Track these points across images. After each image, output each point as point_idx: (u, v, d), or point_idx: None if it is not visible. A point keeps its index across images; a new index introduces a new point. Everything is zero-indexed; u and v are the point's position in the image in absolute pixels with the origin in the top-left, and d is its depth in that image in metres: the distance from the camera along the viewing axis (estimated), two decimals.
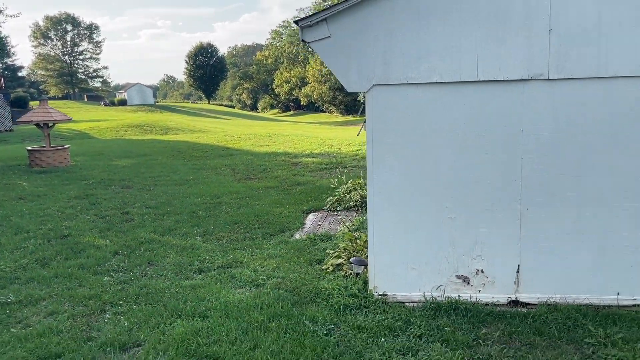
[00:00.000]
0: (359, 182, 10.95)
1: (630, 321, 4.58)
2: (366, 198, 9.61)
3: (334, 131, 33.74)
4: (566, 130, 4.87)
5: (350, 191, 10.56)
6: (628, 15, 4.62)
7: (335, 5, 4.91)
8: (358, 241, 6.35)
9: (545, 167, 4.95)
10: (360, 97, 39.17)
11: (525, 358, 4.11)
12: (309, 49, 56.03)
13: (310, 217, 9.56)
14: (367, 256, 5.76)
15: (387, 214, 5.19)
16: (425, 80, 4.95)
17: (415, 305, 5.16)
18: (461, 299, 5.12)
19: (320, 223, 9.06)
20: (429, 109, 5.02)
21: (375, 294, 5.25)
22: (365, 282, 5.44)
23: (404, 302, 5.21)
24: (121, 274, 6.43)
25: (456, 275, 5.20)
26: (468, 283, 5.19)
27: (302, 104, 78.38)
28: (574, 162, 4.91)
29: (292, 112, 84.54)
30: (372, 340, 4.41)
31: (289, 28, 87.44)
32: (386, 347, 4.29)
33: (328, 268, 6.19)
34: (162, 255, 7.09)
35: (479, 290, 5.18)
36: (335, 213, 9.85)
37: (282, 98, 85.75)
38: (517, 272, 5.12)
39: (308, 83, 69.77)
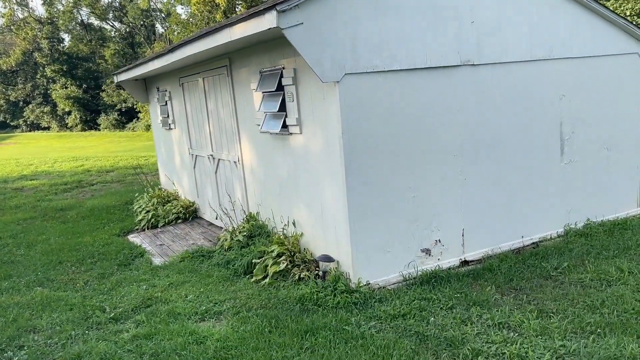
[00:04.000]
0: (158, 195, 9.99)
1: (557, 253, 5.76)
2: (190, 208, 8.98)
3: None
4: (486, 108, 5.76)
5: (161, 204, 9.57)
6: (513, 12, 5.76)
7: None
8: (286, 244, 6.00)
9: (474, 139, 5.74)
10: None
11: (529, 295, 4.78)
12: None
13: (137, 240, 8.35)
14: (320, 254, 5.59)
15: (364, 202, 5.16)
16: (388, 68, 5.12)
17: (396, 286, 5.31)
18: (427, 269, 5.51)
19: (162, 243, 8.02)
20: (393, 95, 5.20)
21: (363, 285, 5.18)
22: (338, 278, 5.27)
23: (385, 287, 5.30)
24: None
25: (421, 249, 5.55)
26: (429, 254, 5.60)
27: None
28: (491, 133, 5.84)
29: None
30: (421, 322, 4.43)
31: None
32: (446, 322, 4.38)
33: (268, 278, 5.71)
34: (36, 318, 5.26)
35: (438, 259, 5.65)
36: (162, 229, 8.83)
37: None
38: (462, 235, 5.79)
39: None
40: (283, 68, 5.73)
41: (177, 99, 9.31)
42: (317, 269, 5.67)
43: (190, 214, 9.30)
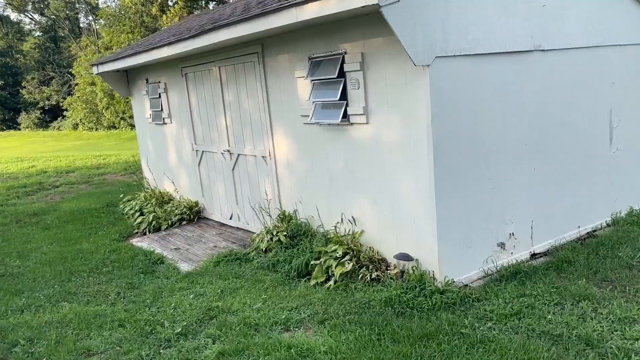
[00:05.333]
0: (156, 195, 9.25)
1: (621, 242, 5.69)
2: (194, 208, 8.33)
3: None
4: (551, 95, 5.59)
5: (160, 204, 8.85)
6: None
7: None
8: (346, 243, 5.58)
9: (541, 128, 5.56)
10: None
11: (627, 286, 4.64)
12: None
13: (144, 244, 7.64)
14: (389, 252, 5.23)
15: (449, 195, 4.84)
16: (473, 52, 4.83)
17: (478, 283, 5.04)
18: (503, 264, 5.27)
19: (177, 247, 7.36)
20: (474, 81, 4.91)
21: (450, 284, 4.85)
22: (421, 278, 4.92)
23: (468, 284, 5.01)
24: None
25: (497, 243, 5.31)
26: (504, 248, 5.37)
27: None
28: (554, 122, 5.69)
29: None
30: (540, 320, 4.17)
31: None
32: (566, 319, 4.14)
33: (333, 280, 5.28)
34: (84, 339, 4.55)
35: (512, 253, 5.43)
36: (167, 232, 8.14)
37: None
38: (531, 227, 5.60)
39: None
40: (345, 53, 5.30)
41: (177, 90, 8.60)
42: (387, 268, 5.30)
43: (194, 215, 8.62)
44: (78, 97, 43.16)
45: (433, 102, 4.58)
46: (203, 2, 40.16)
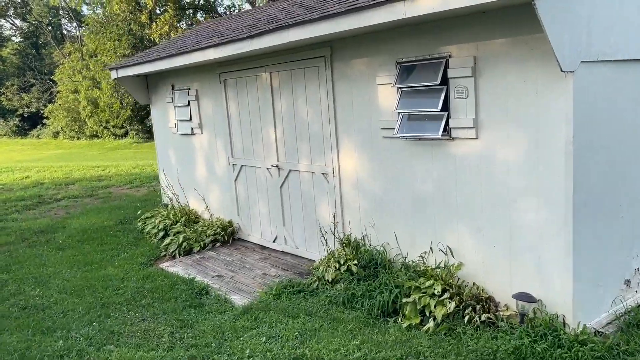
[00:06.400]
0: (172, 213, 8.37)
1: None
2: (228, 228, 7.47)
3: None
4: None
5: (187, 224, 7.97)
6: None
7: None
8: (443, 278, 4.80)
9: None
10: None
11: None
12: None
13: (179, 269, 6.75)
14: (514, 291, 4.47)
15: (585, 225, 4.11)
16: (613, 57, 4.13)
17: (609, 329, 4.29)
18: (631, 305, 4.55)
19: (219, 273, 6.50)
20: (612, 91, 4.21)
21: (587, 332, 4.09)
22: (550, 323, 4.14)
23: (598, 330, 4.26)
24: None
25: (623, 281, 4.59)
26: (629, 286, 4.65)
27: None
28: None
29: None
30: None
31: None
32: None
33: (434, 323, 4.49)
34: None
35: (636, 291, 4.71)
36: (200, 255, 7.28)
37: None
38: None
39: None
40: (449, 56, 4.56)
41: (212, 98, 7.77)
42: (497, 309, 4.53)
43: (228, 236, 7.75)
44: (60, 104, 41.94)
45: (576, 115, 3.85)
46: (191, 12, 39.54)
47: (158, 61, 7.67)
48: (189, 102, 8.25)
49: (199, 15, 39.61)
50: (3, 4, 54.41)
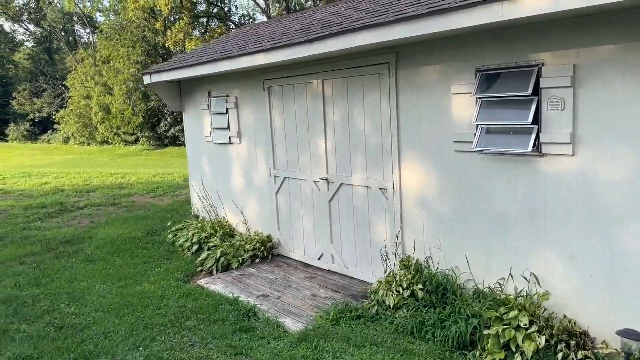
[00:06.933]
0: (208, 226, 7.96)
1: None
2: (267, 243, 7.04)
3: None
4: None
5: (226, 237, 7.57)
6: None
7: None
8: (528, 308, 4.34)
9: None
10: None
11: None
12: None
13: (219, 287, 6.33)
14: (617, 327, 4.01)
15: None
16: None
17: None
18: None
19: (263, 293, 6.06)
20: None
21: None
22: None
23: None
24: None
25: None
26: None
27: None
28: None
29: None
30: None
31: None
32: None
33: (518, 358, 4.03)
34: None
35: None
36: (240, 272, 6.86)
37: None
38: None
39: None
40: (542, 64, 4.15)
41: (253, 106, 7.37)
42: (594, 345, 4.07)
43: (267, 251, 7.32)
44: (71, 110, 41.91)
45: None
46: (205, 20, 39.48)
47: (199, 66, 7.29)
48: (227, 109, 7.86)
49: (212, 23, 39.60)
50: (17, 8, 54.64)
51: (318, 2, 38.95)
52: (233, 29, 39.73)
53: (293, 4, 39.64)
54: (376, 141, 5.68)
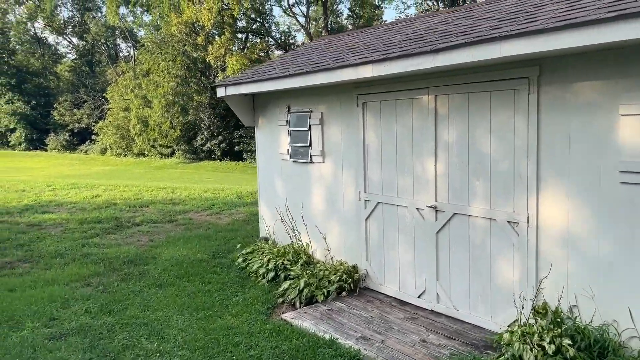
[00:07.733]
0: (287, 252, 7.29)
1: None
2: (353, 274, 6.33)
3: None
4: None
5: (305, 265, 6.87)
6: None
7: None
8: None
9: None
10: None
11: None
12: None
13: (309, 325, 5.63)
14: None
15: None
16: None
17: None
18: None
19: (362, 335, 5.32)
20: None
21: None
22: None
23: None
24: None
25: None
26: None
27: None
28: None
29: None
30: None
31: None
32: None
33: None
34: None
35: None
36: (327, 307, 6.16)
37: None
38: None
39: None
40: None
41: (343, 123, 6.72)
42: None
43: (354, 284, 6.59)
44: (110, 121, 42.34)
45: None
46: (243, 36, 39.49)
47: (287, 79, 6.68)
48: (310, 126, 7.22)
49: (252, 39, 39.59)
50: (62, 22, 55.79)
51: (356, 23, 38.67)
52: (273, 45, 39.68)
53: (331, 23, 39.44)
54: (505, 166, 4.93)
